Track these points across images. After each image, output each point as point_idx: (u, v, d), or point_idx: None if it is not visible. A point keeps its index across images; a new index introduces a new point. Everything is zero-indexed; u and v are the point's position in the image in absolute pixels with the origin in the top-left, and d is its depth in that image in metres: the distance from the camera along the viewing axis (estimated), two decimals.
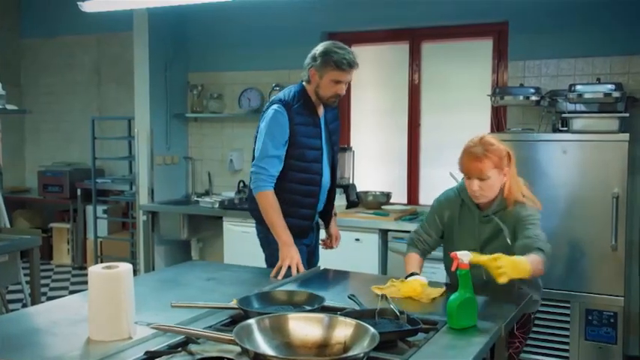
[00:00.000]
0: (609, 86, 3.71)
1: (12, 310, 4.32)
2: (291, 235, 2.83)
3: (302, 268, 2.79)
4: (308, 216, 2.99)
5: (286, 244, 2.81)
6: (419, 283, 2.44)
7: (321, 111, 2.99)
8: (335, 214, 3.30)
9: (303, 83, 2.96)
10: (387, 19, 4.81)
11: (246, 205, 4.91)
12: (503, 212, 2.56)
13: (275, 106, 2.88)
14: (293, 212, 2.92)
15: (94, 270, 1.92)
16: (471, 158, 2.51)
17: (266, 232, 2.94)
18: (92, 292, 1.91)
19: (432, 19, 4.69)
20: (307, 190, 2.95)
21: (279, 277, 2.68)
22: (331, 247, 3.25)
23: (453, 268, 2.12)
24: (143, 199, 5.30)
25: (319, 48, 2.89)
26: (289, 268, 2.75)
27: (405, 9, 4.70)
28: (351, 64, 2.84)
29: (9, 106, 4.34)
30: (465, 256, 2.11)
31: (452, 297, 2.05)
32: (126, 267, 1.94)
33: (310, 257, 3.06)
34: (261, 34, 5.25)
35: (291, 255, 2.78)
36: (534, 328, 3.73)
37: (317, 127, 2.95)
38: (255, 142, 2.96)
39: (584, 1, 4.16)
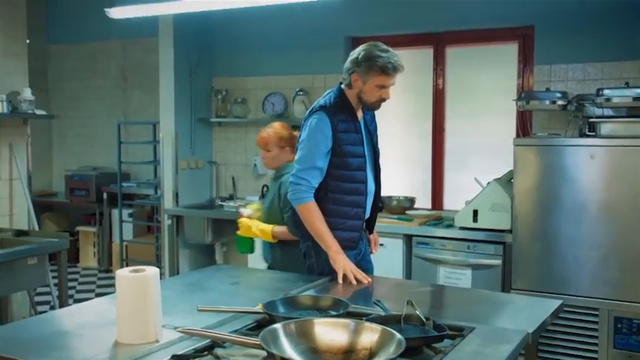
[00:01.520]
0: (638, 90, 3.65)
1: (40, 312, 4.38)
2: (337, 243, 2.76)
3: (359, 275, 2.71)
4: (356, 227, 2.85)
5: (338, 253, 2.74)
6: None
7: (360, 114, 2.88)
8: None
9: (342, 87, 2.84)
10: (411, 24, 4.80)
11: None
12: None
13: (317, 115, 2.77)
14: (340, 224, 2.79)
15: (122, 273, 1.94)
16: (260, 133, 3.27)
17: (311, 243, 2.84)
18: (120, 295, 1.93)
19: (457, 24, 4.67)
20: (353, 200, 2.82)
21: (354, 282, 2.67)
22: (370, 253, 3.10)
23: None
24: (168, 203, 5.35)
25: (361, 52, 2.75)
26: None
27: (430, 13, 4.69)
28: (397, 68, 2.71)
29: (38, 111, 4.42)
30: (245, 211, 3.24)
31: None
32: (153, 271, 1.96)
33: (359, 265, 2.85)
34: (285, 40, 5.27)
35: (343, 264, 2.72)
36: (562, 336, 3.70)
37: (358, 133, 2.83)
38: (295, 151, 2.88)
39: (612, 4, 4.11)
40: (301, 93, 5.17)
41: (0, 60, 4.40)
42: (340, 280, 2.69)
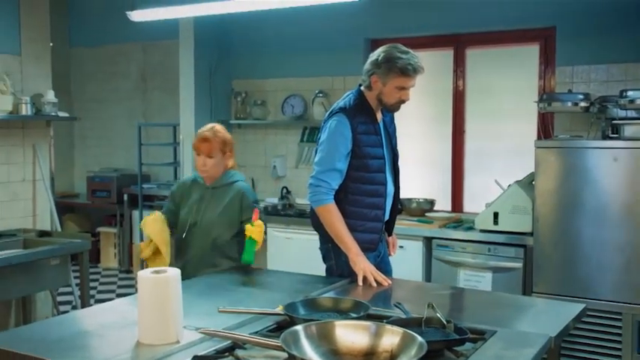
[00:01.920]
0: None
1: (62, 312, 4.44)
2: (357, 245, 2.76)
3: (379, 277, 2.70)
4: (375, 229, 2.84)
5: (358, 255, 2.73)
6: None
7: (379, 116, 2.88)
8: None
9: (362, 89, 2.84)
10: (431, 25, 4.78)
11: (290, 211, 5.02)
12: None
13: (337, 116, 2.77)
14: (359, 226, 2.79)
15: (143, 275, 1.95)
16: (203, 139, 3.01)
17: (331, 244, 2.84)
18: (141, 296, 1.94)
19: (477, 25, 4.64)
20: (372, 202, 2.82)
21: (374, 285, 2.66)
22: (389, 255, 3.09)
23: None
24: None
25: (381, 53, 2.74)
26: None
27: (450, 15, 4.67)
28: (417, 70, 2.71)
29: (60, 113, 4.47)
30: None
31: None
32: (174, 272, 1.97)
33: (378, 267, 2.83)
34: (304, 42, 5.28)
35: (362, 266, 2.71)
36: (584, 341, 3.66)
37: (378, 135, 2.82)
38: (315, 153, 2.87)
39: (635, 4, 4.06)
40: (321, 95, 5.17)
41: (24, 63, 4.46)
42: (360, 282, 2.69)
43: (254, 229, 2.85)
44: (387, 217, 2.94)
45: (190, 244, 3.04)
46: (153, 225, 2.96)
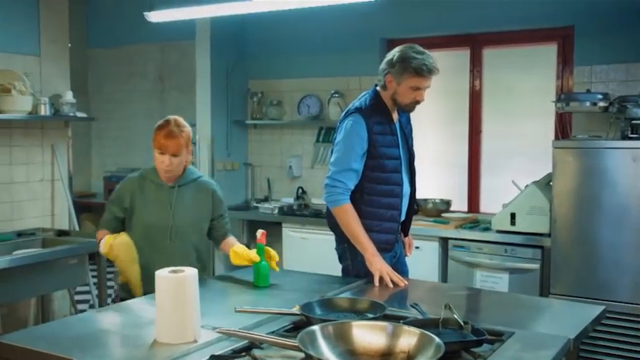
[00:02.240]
0: None
1: (80, 311, 4.47)
2: (373, 245, 2.75)
3: (396, 277, 2.70)
4: (391, 229, 2.83)
5: (374, 256, 2.73)
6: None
7: (395, 116, 2.87)
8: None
9: (377, 89, 2.84)
10: (448, 25, 4.76)
11: (306, 211, 5.02)
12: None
13: (353, 117, 2.77)
14: (376, 227, 2.79)
15: (161, 274, 1.96)
16: (169, 136, 2.73)
17: (347, 245, 2.84)
18: (159, 295, 1.96)
19: (494, 25, 4.61)
20: (388, 202, 2.81)
21: (390, 285, 2.66)
22: (405, 255, 3.08)
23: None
24: None
25: (396, 53, 2.75)
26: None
27: (466, 14, 4.64)
28: (431, 70, 2.70)
29: (79, 114, 4.51)
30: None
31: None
32: (191, 271, 1.98)
33: (395, 268, 2.83)
34: (320, 42, 5.28)
35: (379, 266, 2.71)
36: (603, 343, 3.62)
37: (394, 135, 2.82)
38: (331, 153, 2.87)
39: None
40: (336, 95, 5.17)
41: (43, 64, 4.50)
42: (376, 283, 2.69)
43: (271, 252, 2.71)
44: (403, 218, 2.93)
45: (170, 251, 2.75)
46: (126, 252, 2.66)
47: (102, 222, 2.85)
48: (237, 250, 2.78)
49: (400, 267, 2.95)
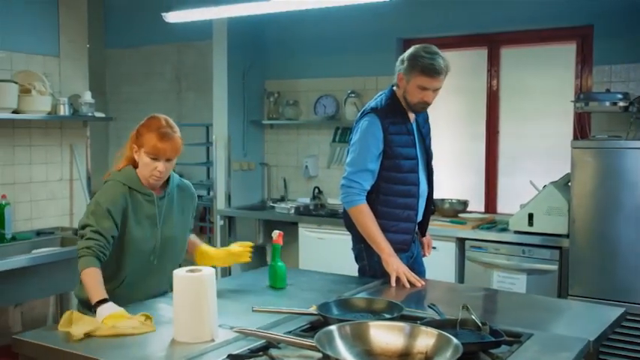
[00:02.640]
0: None
1: None
2: (390, 245, 2.75)
3: (412, 277, 2.69)
4: (408, 230, 2.83)
5: (390, 256, 2.72)
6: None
7: (412, 116, 2.86)
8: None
9: (394, 89, 2.85)
10: (465, 25, 4.73)
11: (322, 211, 5.02)
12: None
13: (368, 117, 2.78)
14: (392, 227, 2.79)
15: (179, 274, 1.97)
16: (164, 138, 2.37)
17: (364, 245, 2.84)
18: (177, 295, 1.96)
19: (512, 24, 4.58)
20: (405, 202, 2.80)
21: (407, 285, 2.66)
22: (423, 255, 3.07)
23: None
24: (220, 204, 5.42)
25: (408, 51, 2.76)
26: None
27: (484, 14, 4.61)
28: (438, 71, 2.69)
29: (97, 114, 4.54)
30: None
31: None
32: (209, 271, 1.99)
33: (412, 268, 2.82)
34: (336, 42, 5.27)
35: (395, 267, 2.70)
36: (622, 345, 3.58)
37: (410, 135, 2.81)
38: (347, 153, 2.87)
39: None
40: (353, 95, 5.17)
41: (63, 64, 4.55)
42: (393, 283, 2.68)
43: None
44: (419, 218, 2.92)
45: (159, 265, 2.49)
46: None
47: (89, 256, 2.26)
48: (233, 250, 2.70)
49: (417, 267, 2.95)
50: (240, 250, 2.69)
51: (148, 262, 2.46)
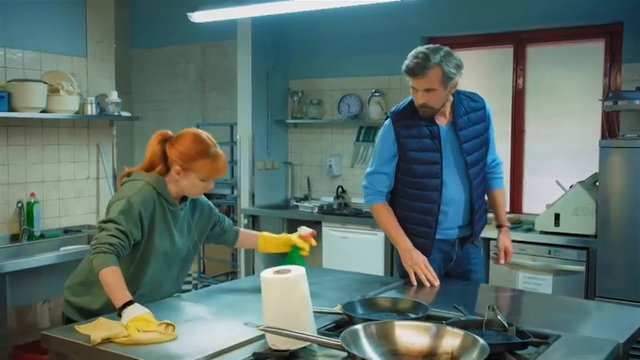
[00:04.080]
0: None
1: None
2: (409, 240, 2.73)
3: (430, 275, 2.65)
4: (426, 235, 2.75)
5: (406, 250, 2.71)
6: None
7: (444, 119, 2.76)
8: (502, 226, 2.99)
9: None
10: (490, 23, 4.69)
11: (345, 210, 5.03)
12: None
13: (386, 120, 2.81)
14: (410, 230, 2.76)
15: (267, 276, 1.90)
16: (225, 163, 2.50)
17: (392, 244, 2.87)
18: (266, 297, 1.89)
19: (539, 22, 4.52)
20: (421, 207, 2.74)
21: (414, 284, 2.66)
22: (499, 263, 2.92)
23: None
24: (244, 202, 5.45)
25: None
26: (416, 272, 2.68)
27: (510, 11, 4.57)
28: (413, 70, 2.60)
29: (123, 113, 4.59)
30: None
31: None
32: (299, 270, 1.93)
33: (456, 270, 2.82)
34: (360, 41, 5.26)
35: (412, 261, 2.68)
36: None
37: (434, 139, 2.70)
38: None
39: None
40: (377, 94, 5.15)
41: (90, 64, 4.61)
42: (413, 282, 2.66)
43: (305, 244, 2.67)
44: (454, 224, 2.80)
45: (177, 272, 2.50)
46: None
47: (111, 254, 2.16)
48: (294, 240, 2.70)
49: (469, 273, 2.90)
50: (300, 241, 2.68)
51: (166, 270, 2.43)
